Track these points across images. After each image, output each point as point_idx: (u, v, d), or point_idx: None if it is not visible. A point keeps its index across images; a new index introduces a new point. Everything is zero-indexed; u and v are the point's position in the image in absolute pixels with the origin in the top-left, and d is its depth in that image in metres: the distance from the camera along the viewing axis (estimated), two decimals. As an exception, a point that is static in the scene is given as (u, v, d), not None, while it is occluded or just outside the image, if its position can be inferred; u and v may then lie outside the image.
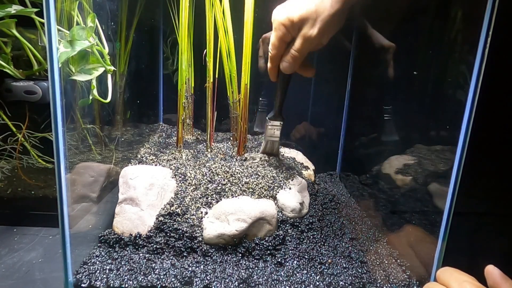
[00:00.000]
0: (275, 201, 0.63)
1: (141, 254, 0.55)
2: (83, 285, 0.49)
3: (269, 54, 0.61)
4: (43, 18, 0.40)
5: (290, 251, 0.58)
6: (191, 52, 0.82)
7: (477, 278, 0.37)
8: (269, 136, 0.73)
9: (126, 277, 0.50)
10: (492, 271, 0.36)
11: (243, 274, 0.52)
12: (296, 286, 0.51)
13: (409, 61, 0.63)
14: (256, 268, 0.54)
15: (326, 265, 0.56)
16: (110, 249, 0.56)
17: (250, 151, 0.81)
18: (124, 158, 0.77)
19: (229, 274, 0.52)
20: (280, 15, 0.56)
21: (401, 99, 0.67)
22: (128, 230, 0.58)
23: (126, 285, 0.49)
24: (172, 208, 0.59)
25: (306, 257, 0.57)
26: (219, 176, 0.66)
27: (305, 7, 0.53)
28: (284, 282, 0.52)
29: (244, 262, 0.55)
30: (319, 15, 0.52)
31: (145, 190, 0.61)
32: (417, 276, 0.54)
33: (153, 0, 0.90)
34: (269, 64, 0.62)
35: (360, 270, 0.55)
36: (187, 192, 0.62)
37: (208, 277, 0.51)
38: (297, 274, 0.54)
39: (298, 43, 0.56)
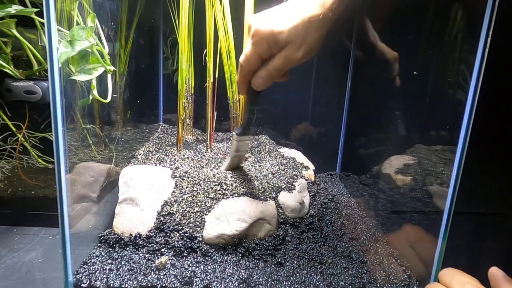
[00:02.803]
0: (275, 201, 0.63)
1: (141, 254, 0.55)
2: (83, 285, 0.49)
3: (240, 67, 0.54)
4: (43, 18, 0.40)
5: (290, 251, 0.58)
6: (191, 52, 0.82)
7: (477, 278, 0.37)
8: (236, 151, 0.66)
9: (126, 277, 0.50)
10: (495, 273, 0.36)
11: (243, 274, 0.52)
12: (296, 286, 0.51)
13: (409, 61, 0.63)
14: (256, 268, 0.54)
15: (326, 265, 0.56)
16: (110, 249, 0.56)
17: (250, 151, 0.81)
18: (124, 158, 0.77)
19: (229, 274, 0.52)
20: (262, 29, 0.49)
21: (401, 99, 0.67)
22: (128, 230, 0.58)
23: (126, 285, 0.49)
24: (172, 208, 0.59)
25: (306, 257, 0.57)
26: (219, 176, 0.66)
27: (291, 24, 0.48)
28: (284, 282, 0.52)
29: (244, 262, 0.55)
30: (305, 37, 0.48)
31: (145, 190, 0.61)
32: (417, 276, 0.54)
33: (153, 0, 0.90)
34: (239, 78, 0.55)
35: (360, 270, 0.55)
36: (187, 192, 0.62)
37: (208, 277, 0.51)
38: (297, 274, 0.54)
39: (278, 62, 0.50)
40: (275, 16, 0.50)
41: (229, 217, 0.57)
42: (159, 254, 0.56)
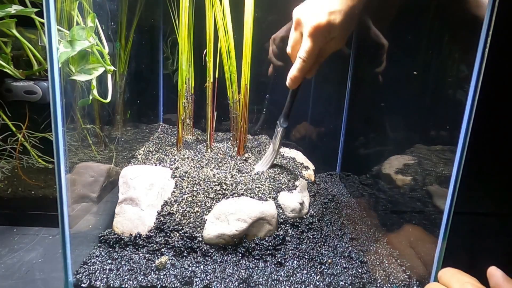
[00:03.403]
0: (275, 201, 0.63)
1: (141, 254, 0.55)
2: (83, 285, 0.49)
3: (302, 63, 0.56)
4: (43, 18, 0.40)
5: (290, 251, 0.58)
6: (191, 52, 0.82)
7: (477, 278, 0.37)
8: (280, 142, 0.69)
9: (126, 277, 0.50)
10: (494, 272, 0.36)
11: (243, 274, 0.52)
12: (296, 286, 0.51)
13: (409, 61, 0.63)
14: (256, 268, 0.54)
15: (326, 265, 0.56)
16: (110, 249, 0.56)
17: (250, 151, 0.81)
18: (124, 158, 0.77)
19: (229, 274, 0.52)
20: (319, 19, 0.52)
21: (401, 99, 0.67)
22: (128, 230, 0.58)
23: (126, 285, 0.49)
24: (172, 208, 0.59)
25: (306, 257, 0.57)
26: (219, 176, 0.66)
27: (341, 16, 0.52)
28: (284, 282, 0.52)
29: (244, 262, 0.55)
30: (349, 27, 0.53)
31: (145, 190, 0.61)
32: (417, 276, 0.54)
33: (153, 0, 0.90)
34: (298, 73, 0.58)
35: (360, 270, 0.55)
36: (187, 192, 0.62)
37: (208, 277, 0.51)
38: (297, 274, 0.54)
39: (326, 53, 0.56)
40: (325, 7, 0.52)
41: (229, 217, 0.57)
42: (159, 254, 0.56)
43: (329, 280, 0.52)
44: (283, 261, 0.56)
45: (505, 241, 0.62)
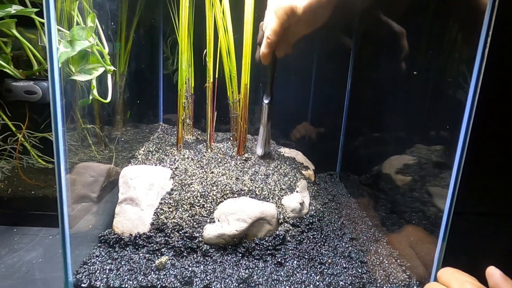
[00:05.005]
0: (275, 201, 0.63)
1: (141, 254, 0.55)
2: (83, 285, 0.49)
3: (267, 40, 0.63)
4: (43, 18, 0.40)
5: (290, 251, 0.58)
6: (191, 52, 0.82)
7: (477, 278, 0.37)
8: (268, 119, 0.75)
9: (126, 277, 0.50)
10: (493, 272, 0.36)
11: (243, 274, 0.52)
12: (296, 286, 0.51)
13: (409, 61, 0.63)
14: (256, 268, 0.54)
15: (326, 265, 0.56)
16: (110, 249, 0.56)
17: (250, 151, 0.81)
18: (124, 158, 0.77)
19: (229, 274, 0.52)
20: (283, 4, 0.59)
21: (401, 99, 0.67)
22: (128, 230, 0.58)
23: (126, 285, 0.49)
24: (172, 208, 0.59)
25: (306, 257, 0.57)
26: (219, 177, 0.66)
27: (305, 1, 0.58)
28: (284, 282, 0.52)
29: (244, 262, 0.55)
30: (315, 12, 0.59)
31: (145, 190, 0.61)
32: (417, 276, 0.54)
33: (153, 0, 0.90)
34: (265, 50, 0.65)
35: (360, 270, 0.55)
36: (187, 192, 0.62)
37: (208, 277, 0.51)
38: (297, 274, 0.54)
39: (294, 32, 0.63)
40: None
41: (229, 217, 0.57)
42: (159, 254, 0.56)
43: (329, 280, 0.52)
44: (283, 261, 0.56)
45: (505, 241, 0.62)
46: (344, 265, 0.56)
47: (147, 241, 0.57)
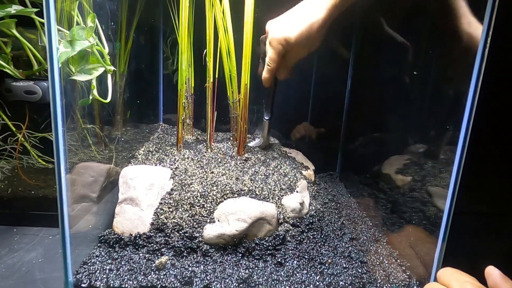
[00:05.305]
0: (275, 201, 0.63)
1: (141, 254, 0.55)
2: (83, 285, 0.49)
3: (267, 67, 0.70)
4: (43, 18, 0.40)
5: (290, 251, 0.58)
6: (191, 52, 0.82)
7: (477, 278, 0.37)
8: (268, 133, 0.83)
9: (126, 277, 0.50)
10: (492, 272, 0.36)
11: (243, 274, 0.52)
12: (296, 286, 0.51)
13: (409, 61, 0.63)
14: (256, 268, 0.54)
15: (326, 265, 0.56)
16: (110, 249, 0.56)
17: (250, 151, 0.81)
18: (124, 158, 0.77)
19: (229, 274, 0.52)
20: (277, 34, 0.65)
21: (401, 99, 0.67)
22: (128, 230, 0.58)
23: (126, 285, 0.49)
24: (172, 208, 0.59)
25: (306, 257, 0.57)
26: (219, 177, 0.66)
27: (297, 31, 0.63)
28: (284, 282, 0.52)
29: (244, 262, 0.55)
30: (308, 38, 0.64)
31: (145, 190, 0.61)
32: (417, 276, 0.54)
33: (153, 0, 0.90)
34: (266, 75, 0.72)
35: (360, 270, 0.55)
36: (187, 192, 0.62)
37: (208, 277, 0.51)
38: (297, 274, 0.54)
39: (292, 57, 0.68)
40: (285, 24, 0.66)
41: (229, 217, 0.57)
42: (159, 254, 0.56)
43: (329, 280, 0.52)
44: (283, 261, 0.56)
45: (505, 241, 0.62)
46: (344, 265, 0.56)
47: (147, 241, 0.57)
